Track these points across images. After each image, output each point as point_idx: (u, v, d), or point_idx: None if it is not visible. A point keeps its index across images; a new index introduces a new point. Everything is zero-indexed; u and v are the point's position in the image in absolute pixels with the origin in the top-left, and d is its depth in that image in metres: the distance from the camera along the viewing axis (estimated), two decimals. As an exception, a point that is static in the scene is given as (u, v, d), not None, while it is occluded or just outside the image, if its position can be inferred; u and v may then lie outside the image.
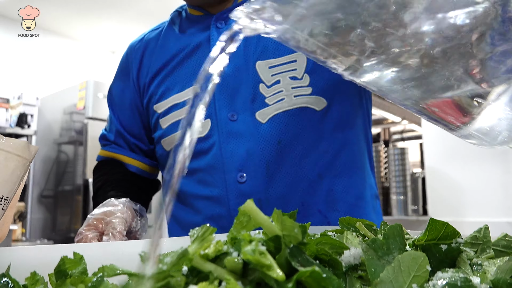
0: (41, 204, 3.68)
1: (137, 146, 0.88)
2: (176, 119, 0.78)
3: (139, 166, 0.87)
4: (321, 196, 0.73)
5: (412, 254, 0.25)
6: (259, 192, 0.72)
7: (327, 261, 0.27)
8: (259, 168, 0.72)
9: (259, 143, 0.73)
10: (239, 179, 0.73)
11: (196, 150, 0.76)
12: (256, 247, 0.20)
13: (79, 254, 0.29)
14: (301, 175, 0.73)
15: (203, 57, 0.79)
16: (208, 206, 0.75)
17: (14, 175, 0.39)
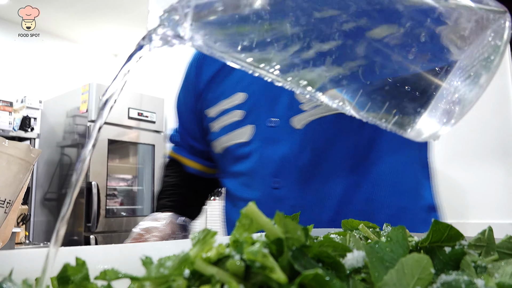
0: (44, 207, 3.69)
1: (195, 147, 0.93)
2: (224, 123, 0.82)
3: (196, 167, 0.93)
4: (357, 205, 0.71)
5: (415, 256, 0.25)
6: (293, 199, 0.72)
7: (330, 263, 0.26)
8: (292, 174, 0.73)
9: (293, 149, 0.73)
10: (274, 185, 0.74)
11: (239, 154, 0.79)
12: (259, 248, 0.20)
13: (81, 259, 0.29)
14: (336, 183, 0.71)
15: None
16: None
17: (16, 179, 0.39)
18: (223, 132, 0.82)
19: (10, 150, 0.39)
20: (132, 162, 3.82)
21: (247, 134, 0.78)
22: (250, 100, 0.79)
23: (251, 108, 0.78)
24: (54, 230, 0.27)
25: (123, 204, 3.67)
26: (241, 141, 0.79)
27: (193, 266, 0.22)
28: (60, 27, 4.04)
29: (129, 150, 3.80)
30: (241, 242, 0.23)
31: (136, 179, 3.83)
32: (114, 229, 3.36)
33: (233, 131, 0.80)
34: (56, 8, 3.64)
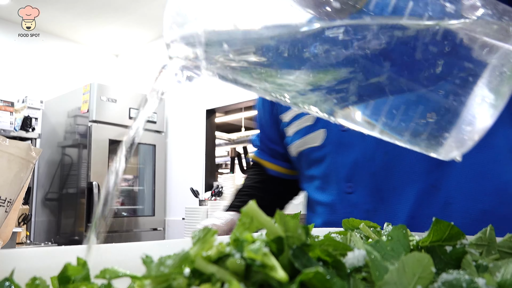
0: (45, 207, 3.70)
1: (275, 150, 0.95)
2: (297, 128, 0.83)
3: (277, 169, 0.95)
4: (435, 209, 0.68)
5: (416, 255, 0.25)
6: (366, 203, 0.72)
7: (330, 262, 0.26)
8: (365, 179, 0.72)
9: (366, 154, 0.73)
10: (347, 190, 0.74)
11: (313, 158, 0.80)
12: (260, 247, 0.20)
13: (82, 259, 0.29)
14: (411, 186, 0.70)
15: None
16: (324, 212, 0.79)
17: (17, 178, 0.39)
18: (297, 137, 0.83)
19: (11, 149, 0.39)
20: (133, 162, 3.82)
21: (320, 138, 0.79)
22: None
23: None
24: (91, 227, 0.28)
25: (124, 204, 3.67)
26: (314, 145, 0.80)
27: (194, 265, 0.22)
28: (61, 28, 4.05)
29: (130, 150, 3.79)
30: (242, 241, 0.23)
31: (137, 179, 3.83)
32: (115, 229, 3.36)
33: (306, 136, 0.81)
34: (58, 8, 3.64)
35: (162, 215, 3.74)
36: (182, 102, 3.94)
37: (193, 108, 3.83)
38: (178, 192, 3.79)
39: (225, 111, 4.34)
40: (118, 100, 3.45)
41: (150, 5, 3.62)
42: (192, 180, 3.67)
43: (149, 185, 3.74)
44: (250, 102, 3.56)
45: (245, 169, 5.20)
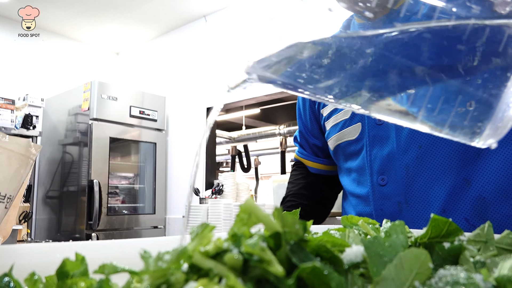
0: (46, 204, 3.70)
1: (316, 145, 0.98)
2: (335, 122, 0.86)
3: (319, 167, 0.99)
4: (467, 203, 0.69)
5: (414, 251, 0.25)
6: (399, 195, 0.74)
7: (328, 258, 0.26)
8: (399, 171, 0.74)
9: (400, 146, 0.74)
10: (381, 182, 0.76)
11: (350, 152, 0.83)
12: (257, 242, 0.20)
13: (81, 255, 0.29)
14: (443, 180, 0.70)
15: None
16: (358, 204, 0.82)
17: (17, 174, 0.39)
18: (334, 131, 0.86)
19: (11, 146, 0.39)
20: (133, 160, 3.82)
21: (356, 132, 0.81)
22: None
23: None
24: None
25: (124, 202, 3.68)
26: (351, 139, 0.82)
27: (191, 260, 0.22)
28: (62, 26, 4.05)
29: (130, 148, 3.80)
30: (239, 236, 0.23)
31: (137, 177, 3.83)
32: (116, 227, 3.36)
33: (343, 130, 0.84)
34: (58, 7, 3.64)
35: (163, 213, 3.75)
36: (182, 100, 3.94)
37: (194, 106, 3.83)
38: (178, 190, 3.80)
39: (225, 109, 4.34)
40: (118, 98, 3.45)
41: (150, 3, 3.61)
42: (192, 178, 3.67)
43: (150, 183, 3.75)
44: (251, 100, 3.55)
45: (245, 167, 5.21)
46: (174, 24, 4.03)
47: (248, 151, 5.37)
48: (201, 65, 3.82)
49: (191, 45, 3.95)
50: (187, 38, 4.00)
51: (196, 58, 3.89)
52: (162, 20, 3.93)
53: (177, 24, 4.02)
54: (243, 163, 5.26)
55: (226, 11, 3.73)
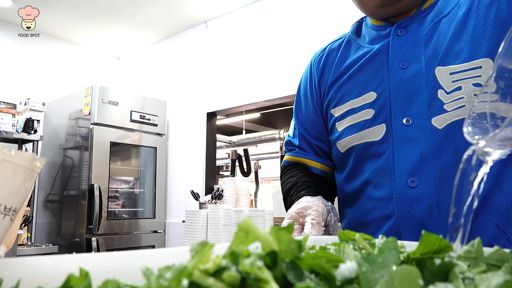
0: (47, 208, 3.71)
1: (320, 147, 0.94)
2: (352, 123, 0.83)
3: (321, 168, 0.94)
4: (499, 209, 0.69)
5: (405, 269, 0.26)
6: (430, 198, 0.72)
7: (323, 274, 0.28)
8: (432, 174, 0.72)
9: (434, 148, 0.73)
10: (410, 184, 0.74)
11: (371, 153, 0.80)
12: (254, 261, 0.21)
13: (85, 270, 0.30)
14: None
15: (381, 64, 0.82)
16: (375, 207, 0.79)
17: (22, 187, 0.40)
18: (351, 131, 0.83)
19: (16, 160, 0.40)
20: (134, 165, 3.84)
21: (380, 133, 0.79)
22: (380, 99, 0.80)
23: (382, 107, 0.79)
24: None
25: (124, 206, 3.68)
26: (373, 140, 0.79)
27: (191, 277, 0.24)
28: (64, 30, 4.07)
29: (131, 153, 3.82)
30: (237, 254, 0.24)
31: (138, 182, 3.84)
32: (116, 231, 3.37)
33: (364, 130, 0.81)
34: (60, 11, 3.67)
35: (163, 218, 3.75)
36: (183, 105, 3.95)
37: (194, 111, 3.85)
38: (178, 194, 3.80)
39: (226, 114, 4.36)
40: (119, 102, 3.47)
41: (152, 8, 3.64)
42: (192, 183, 3.68)
43: (150, 188, 3.75)
44: (251, 106, 3.57)
45: (245, 171, 5.21)
46: (175, 29, 4.05)
47: (248, 155, 5.38)
48: (202, 70, 3.84)
49: (192, 50, 3.97)
50: (188, 43, 4.02)
51: (196, 63, 3.91)
52: (163, 25, 3.95)
53: (178, 29, 4.05)
54: (243, 167, 5.27)
55: (227, 17, 3.75)
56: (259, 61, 3.43)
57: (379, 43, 0.84)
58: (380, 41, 0.84)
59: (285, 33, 3.29)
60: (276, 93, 3.26)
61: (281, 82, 3.22)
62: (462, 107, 0.71)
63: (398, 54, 0.79)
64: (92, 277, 0.30)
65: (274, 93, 3.27)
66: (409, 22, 0.81)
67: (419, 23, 0.80)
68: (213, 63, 3.77)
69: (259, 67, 3.41)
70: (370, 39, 0.87)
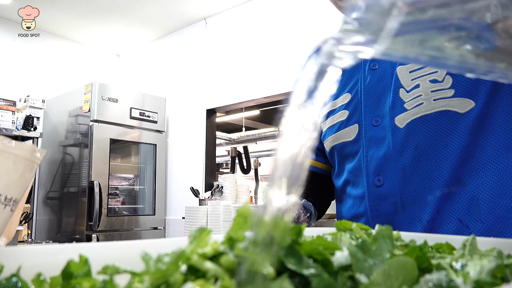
0: (47, 205, 3.72)
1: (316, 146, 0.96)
2: (331, 124, 0.86)
3: (315, 165, 0.97)
4: (462, 204, 0.69)
5: (401, 260, 0.26)
6: (394, 196, 0.74)
7: (320, 260, 0.28)
8: (395, 172, 0.74)
9: (396, 147, 0.75)
10: (377, 183, 0.76)
11: (346, 153, 0.83)
12: (249, 245, 0.22)
13: (84, 256, 0.30)
14: (438, 181, 0.71)
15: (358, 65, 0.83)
16: (353, 205, 0.82)
17: (22, 178, 0.40)
18: (330, 132, 0.86)
19: (16, 151, 0.40)
20: (133, 162, 3.84)
21: (353, 133, 0.81)
22: (354, 100, 0.83)
23: (355, 108, 0.82)
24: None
25: (124, 203, 3.69)
26: (347, 140, 0.82)
27: (190, 262, 0.24)
28: (63, 28, 4.07)
29: (131, 150, 3.82)
30: (235, 240, 0.25)
31: (137, 179, 3.85)
32: (116, 228, 3.38)
33: (340, 131, 0.84)
34: (59, 9, 3.66)
35: (163, 214, 3.76)
36: (182, 102, 3.96)
37: (194, 107, 3.85)
38: (178, 191, 3.81)
39: (225, 111, 4.36)
40: (119, 99, 3.47)
41: (151, 6, 3.63)
42: (192, 180, 3.69)
43: (150, 184, 3.76)
44: (250, 102, 3.57)
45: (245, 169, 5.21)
46: (175, 27, 4.05)
47: (248, 152, 5.38)
48: (201, 67, 3.84)
49: (191, 47, 3.97)
50: (188, 40, 4.02)
51: (196, 60, 3.90)
52: (162, 22, 3.95)
53: (178, 26, 4.04)
54: (243, 165, 5.27)
55: (226, 13, 3.75)
56: (258, 58, 3.43)
57: None
58: None
59: (284, 30, 3.29)
60: (275, 90, 3.26)
61: (281, 78, 3.22)
62: (420, 104, 0.72)
63: None
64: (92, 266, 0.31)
65: (274, 89, 3.27)
66: None
67: None
68: (212, 60, 3.77)
69: (259, 63, 3.41)
70: None
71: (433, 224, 0.71)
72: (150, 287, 0.24)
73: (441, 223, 0.70)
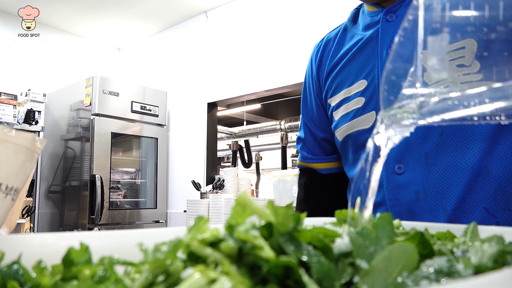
0: (49, 199, 3.73)
1: (325, 139, 0.95)
2: (346, 111, 0.84)
3: (327, 166, 0.96)
4: (488, 192, 0.67)
5: (402, 246, 0.26)
6: (416, 184, 0.72)
7: (320, 247, 0.28)
8: (417, 160, 0.72)
9: (418, 134, 0.72)
10: (397, 170, 0.74)
11: (362, 141, 0.80)
12: (249, 228, 0.22)
13: (85, 244, 0.30)
14: (463, 169, 0.69)
15: (372, 51, 0.82)
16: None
17: (23, 167, 0.40)
18: (345, 120, 0.83)
19: (17, 140, 0.40)
20: (135, 155, 3.85)
21: (370, 120, 0.79)
22: (371, 87, 0.80)
23: (372, 95, 0.80)
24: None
25: (126, 196, 3.70)
26: (364, 128, 0.80)
27: (189, 248, 0.24)
28: (64, 21, 4.05)
29: (132, 143, 3.82)
30: (234, 226, 0.25)
31: (139, 172, 3.86)
32: (118, 221, 3.39)
33: (356, 118, 0.81)
34: (60, 2, 3.65)
35: (164, 208, 3.77)
36: (183, 96, 3.95)
37: (195, 101, 3.84)
38: (179, 185, 3.82)
39: (226, 104, 4.35)
40: (120, 93, 3.47)
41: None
42: (193, 173, 3.70)
43: (151, 178, 3.77)
44: (251, 96, 3.56)
45: (246, 162, 5.22)
46: (176, 20, 4.03)
47: (249, 146, 5.39)
48: (202, 61, 3.83)
49: (192, 41, 3.96)
50: (189, 33, 4.00)
51: (197, 53, 3.89)
52: (163, 15, 3.93)
53: (179, 19, 4.03)
54: (244, 158, 5.28)
55: (227, 6, 3.73)
56: (259, 51, 3.41)
57: (371, 30, 0.84)
58: (372, 27, 0.84)
59: (285, 22, 3.27)
60: (276, 83, 3.26)
61: (282, 71, 3.21)
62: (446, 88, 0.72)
63: (387, 40, 0.79)
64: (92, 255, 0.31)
65: (275, 82, 3.26)
66: (398, 7, 0.81)
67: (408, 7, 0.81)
68: (213, 53, 3.76)
69: (260, 56, 3.40)
70: (364, 26, 0.87)
71: (458, 213, 0.69)
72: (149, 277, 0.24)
73: (467, 211, 0.69)
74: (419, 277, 0.24)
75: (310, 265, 0.23)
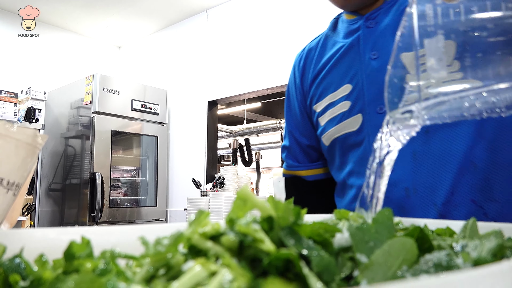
0: (49, 197, 3.74)
1: (310, 146, 0.97)
2: (332, 116, 0.86)
3: (313, 173, 0.97)
4: (475, 185, 0.70)
5: (401, 240, 0.26)
6: (406, 181, 0.74)
7: (320, 242, 0.28)
8: (405, 158, 0.74)
9: None
10: None
11: (350, 143, 0.83)
12: (250, 222, 0.22)
13: (86, 238, 0.30)
14: (450, 164, 0.71)
15: (355, 57, 0.84)
16: (357, 194, 0.81)
17: (24, 163, 0.40)
18: (331, 124, 0.85)
19: (18, 135, 0.40)
20: (135, 154, 3.85)
21: (357, 123, 0.81)
22: (356, 90, 0.82)
23: (357, 98, 0.82)
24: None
25: (126, 194, 3.71)
26: (351, 130, 0.82)
27: (190, 242, 0.24)
28: (64, 19, 4.05)
29: (132, 142, 3.83)
30: (235, 220, 0.25)
31: (139, 170, 3.86)
32: (118, 219, 3.40)
33: (343, 122, 0.83)
34: (60, 1, 3.65)
35: (164, 206, 3.78)
36: (184, 94, 3.95)
37: (195, 99, 3.84)
38: (180, 183, 3.82)
39: (227, 102, 4.35)
40: (120, 91, 3.47)
41: None
42: (194, 171, 3.70)
43: (152, 176, 3.77)
44: (252, 94, 3.56)
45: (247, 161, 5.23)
46: (176, 18, 4.03)
47: (249, 145, 5.39)
48: (203, 59, 3.83)
49: (192, 39, 3.95)
50: (189, 31, 4.00)
51: (197, 51, 3.89)
52: (163, 13, 3.93)
53: (179, 17, 4.02)
54: (244, 157, 5.28)
55: (228, 5, 3.73)
56: (260, 49, 3.41)
57: (352, 36, 0.86)
58: (352, 34, 0.86)
59: (286, 21, 3.27)
60: (277, 81, 3.26)
61: (282, 70, 3.21)
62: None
63: (368, 46, 0.82)
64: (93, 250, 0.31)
65: (275, 81, 3.26)
66: (377, 13, 0.83)
67: (386, 13, 0.83)
68: (213, 52, 3.76)
69: (260, 55, 3.40)
70: (344, 34, 0.89)
71: (447, 206, 0.71)
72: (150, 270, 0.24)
73: (456, 205, 0.71)
74: (419, 271, 0.24)
75: (310, 259, 0.24)
